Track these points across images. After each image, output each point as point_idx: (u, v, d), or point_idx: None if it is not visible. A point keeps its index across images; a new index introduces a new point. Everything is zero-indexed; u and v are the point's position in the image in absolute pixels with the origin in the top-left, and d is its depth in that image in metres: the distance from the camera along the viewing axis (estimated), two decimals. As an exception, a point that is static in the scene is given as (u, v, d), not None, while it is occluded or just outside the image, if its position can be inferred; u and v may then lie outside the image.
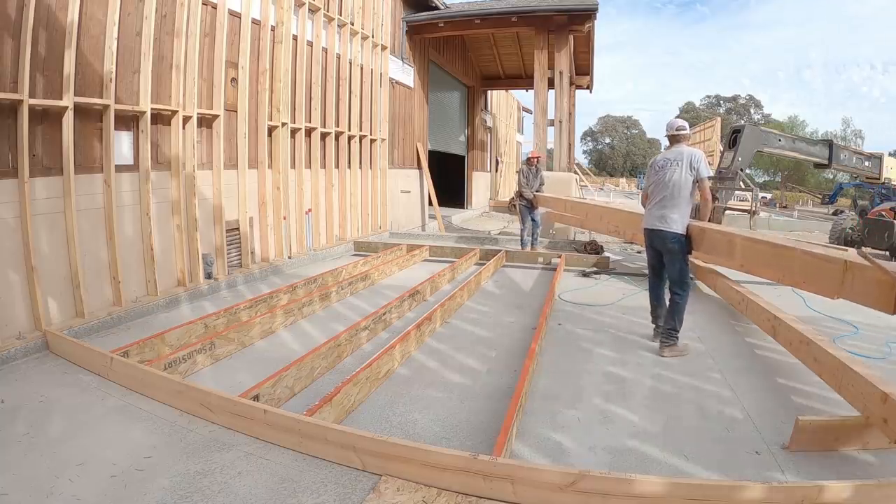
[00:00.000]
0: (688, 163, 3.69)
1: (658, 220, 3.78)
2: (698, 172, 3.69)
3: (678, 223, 3.69)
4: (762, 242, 3.46)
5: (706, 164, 3.74)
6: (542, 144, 10.51)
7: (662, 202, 3.78)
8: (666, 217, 3.73)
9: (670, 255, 3.77)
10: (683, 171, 3.69)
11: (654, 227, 3.82)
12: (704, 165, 3.71)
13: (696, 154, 3.74)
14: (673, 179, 3.72)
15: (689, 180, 3.70)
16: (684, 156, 3.73)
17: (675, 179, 3.72)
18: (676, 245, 3.72)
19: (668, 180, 3.75)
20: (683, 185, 3.68)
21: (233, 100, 5.60)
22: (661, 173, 3.82)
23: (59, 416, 2.60)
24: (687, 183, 3.69)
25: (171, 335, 3.54)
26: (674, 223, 3.70)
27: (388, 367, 3.23)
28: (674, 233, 3.70)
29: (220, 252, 5.39)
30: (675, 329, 3.67)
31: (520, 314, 4.66)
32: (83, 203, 3.97)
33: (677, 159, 3.75)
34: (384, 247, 7.47)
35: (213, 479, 2.11)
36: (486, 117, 17.40)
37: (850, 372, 2.61)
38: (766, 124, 40.52)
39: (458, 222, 13.09)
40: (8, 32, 3.41)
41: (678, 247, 3.72)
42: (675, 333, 3.68)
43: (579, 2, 9.54)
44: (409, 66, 10.43)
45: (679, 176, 3.70)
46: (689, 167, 3.69)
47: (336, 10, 7.39)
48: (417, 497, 1.99)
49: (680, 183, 3.69)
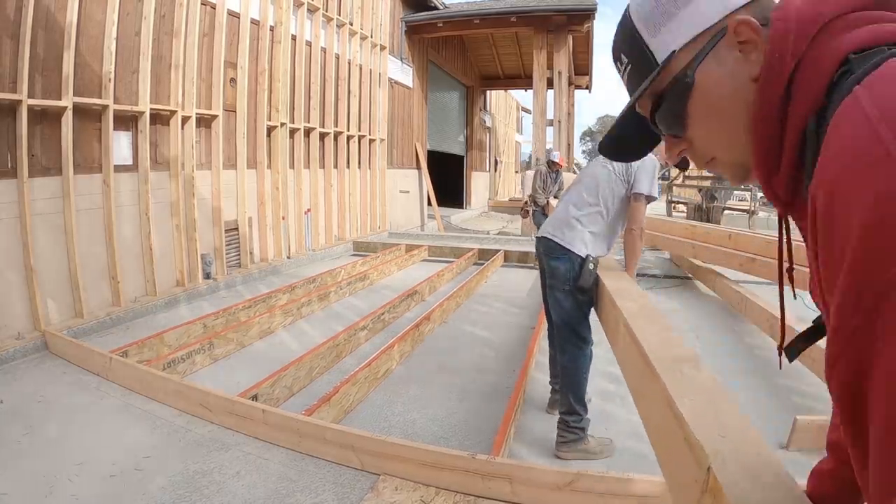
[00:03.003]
0: (624, 167, 2.46)
1: (552, 225, 2.57)
2: (633, 185, 2.44)
3: (577, 241, 2.43)
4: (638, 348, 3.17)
5: (652, 179, 2.45)
6: (540, 144, 10.51)
7: (567, 206, 2.57)
8: (563, 226, 2.50)
9: (552, 282, 2.50)
10: (615, 175, 2.48)
11: (542, 235, 2.59)
12: (648, 179, 2.43)
13: (645, 161, 2.42)
14: (596, 180, 2.52)
15: (618, 191, 2.47)
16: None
17: (597, 181, 2.52)
18: (561, 268, 2.43)
19: (587, 180, 2.58)
20: (606, 194, 2.48)
21: (232, 100, 5.60)
22: (586, 171, 2.70)
23: (58, 416, 2.60)
24: (613, 193, 2.47)
25: (170, 335, 3.55)
26: (569, 238, 2.45)
27: (386, 367, 3.24)
28: (563, 247, 2.44)
29: (219, 252, 5.39)
30: (573, 412, 2.39)
31: (518, 314, 4.67)
32: (82, 203, 3.97)
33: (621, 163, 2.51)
34: (383, 247, 7.48)
35: (212, 478, 2.11)
36: (485, 117, 17.41)
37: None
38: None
39: (457, 222, 13.09)
40: (7, 33, 3.41)
41: (563, 273, 2.42)
42: (574, 422, 2.39)
43: (578, 2, 9.54)
44: (408, 65, 10.44)
45: (605, 178, 2.49)
46: (624, 173, 2.46)
47: (335, 10, 7.39)
48: (416, 496, 2.00)
49: (600, 188, 2.49)
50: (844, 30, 0.47)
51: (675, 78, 0.55)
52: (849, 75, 0.44)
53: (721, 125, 0.55)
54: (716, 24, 0.53)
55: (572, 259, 2.42)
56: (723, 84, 0.53)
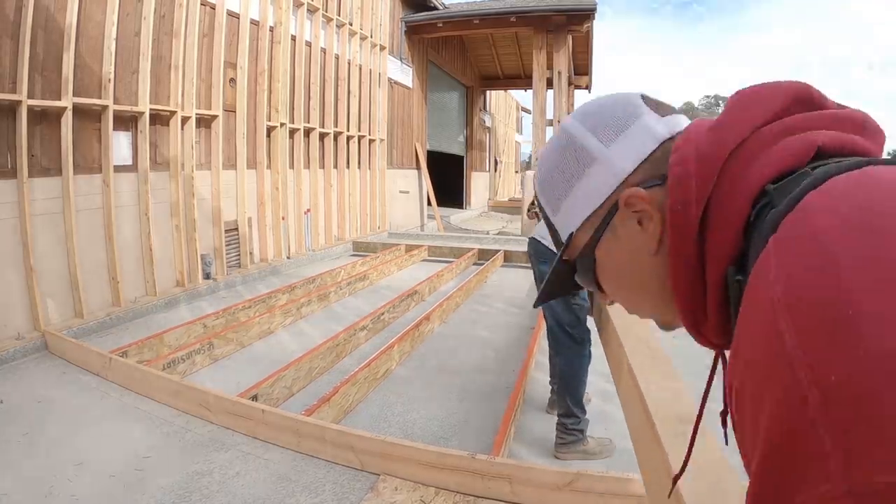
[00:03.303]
0: None
1: (543, 228, 2.49)
2: None
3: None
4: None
5: None
6: (540, 144, 10.51)
7: None
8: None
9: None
10: None
11: (533, 237, 2.62)
12: None
13: None
14: None
15: None
16: None
17: None
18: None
19: None
20: None
21: (231, 100, 5.60)
22: None
23: (57, 417, 2.60)
24: None
25: (169, 335, 3.55)
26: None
27: (386, 367, 3.24)
28: (552, 252, 2.29)
29: (219, 252, 5.39)
30: (571, 415, 2.40)
31: (518, 314, 4.67)
32: (82, 203, 3.97)
33: None
34: (383, 247, 7.48)
35: (212, 478, 2.11)
36: (484, 117, 17.41)
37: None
38: (765, 124, 40.55)
39: (457, 222, 13.09)
40: (7, 33, 3.41)
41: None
42: (573, 425, 2.40)
43: (578, 2, 9.54)
44: (408, 66, 10.44)
45: None
46: None
47: (335, 11, 7.39)
48: (415, 496, 2.00)
49: None
50: (759, 151, 0.43)
51: (580, 253, 0.53)
52: (770, 208, 0.39)
53: (633, 294, 0.53)
54: (608, 198, 0.50)
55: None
56: (623, 260, 0.50)
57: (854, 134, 0.43)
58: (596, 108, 0.53)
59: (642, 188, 0.47)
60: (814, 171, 0.39)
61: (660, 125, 0.50)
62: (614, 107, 0.51)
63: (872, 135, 0.44)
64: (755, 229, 0.40)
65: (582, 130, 0.51)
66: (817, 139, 0.41)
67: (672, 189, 0.45)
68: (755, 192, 0.41)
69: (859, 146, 0.42)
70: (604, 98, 0.54)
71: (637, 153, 0.49)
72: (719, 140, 0.44)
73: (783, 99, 0.45)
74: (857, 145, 0.42)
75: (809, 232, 0.34)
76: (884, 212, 0.32)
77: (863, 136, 0.43)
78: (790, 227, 0.36)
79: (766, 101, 0.45)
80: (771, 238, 0.36)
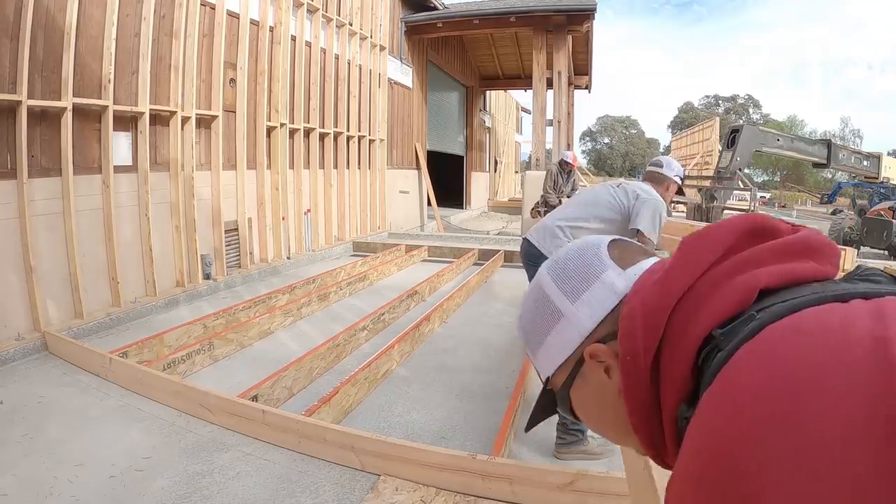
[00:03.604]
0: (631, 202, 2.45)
1: (536, 230, 2.58)
2: (635, 219, 2.42)
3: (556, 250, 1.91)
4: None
5: (652, 218, 2.42)
6: (540, 144, 10.52)
7: (555, 215, 2.62)
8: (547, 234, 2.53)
9: None
10: (614, 201, 2.49)
11: (526, 237, 2.62)
12: (648, 216, 2.41)
13: (651, 201, 2.44)
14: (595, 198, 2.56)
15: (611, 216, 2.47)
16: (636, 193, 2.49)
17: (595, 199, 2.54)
18: None
19: (587, 196, 2.63)
20: (598, 213, 2.51)
21: (231, 100, 5.60)
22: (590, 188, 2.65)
23: (58, 417, 2.60)
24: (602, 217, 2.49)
25: (169, 336, 3.55)
26: (548, 246, 2.50)
27: (386, 368, 3.24)
28: (542, 255, 2.48)
29: (219, 253, 5.39)
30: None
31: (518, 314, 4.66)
32: (82, 204, 3.97)
33: (625, 191, 2.53)
34: (383, 247, 7.48)
35: (212, 479, 2.11)
36: (484, 117, 17.41)
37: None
38: (765, 124, 40.58)
39: (457, 222, 13.10)
40: (6, 33, 3.41)
41: None
42: (573, 424, 2.35)
43: (577, 2, 9.55)
44: (408, 66, 10.44)
45: (605, 200, 2.51)
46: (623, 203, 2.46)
47: (335, 11, 7.39)
48: (416, 497, 2.00)
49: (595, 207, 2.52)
50: (706, 297, 0.47)
51: (558, 390, 0.59)
52: (717, 351, 0.44)
53: (602, 427, 0.58)
54: (575, 351, 0.55)
55: None
56: (592, 401, 0.56)
57: (803, 259, 0.48)
58: (565, 263, 0.59)
59: (603, 343, 0.53)
60: (758, 315, 0.43)
61: (620, 280, 0.55)
62: (581, 261, 0.57)
63: (821, 255, 0.49)
64: (706, 368, 0.44)
65: (553, 288, 0.58)
66: (759, 282, 0.46)
67: (621, 342, 0.50)
68: (701, 340, 0.46)
69: (804, 275, 0.47)
70: (574, 249, 0.60)
71: (599, 310, 0.54)
72: (662, 293, 0.49)
73: (732, 237, 0.50)
74: (802, 275, 0.47)
75: (729, 397, 0.39)
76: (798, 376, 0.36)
77: (812, 259, 0.48)
78: (718, 384, 0.41)
79: (713, 245, 0.50)
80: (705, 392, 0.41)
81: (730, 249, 0.49)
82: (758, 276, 0.46)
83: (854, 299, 0.42)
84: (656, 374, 0.49)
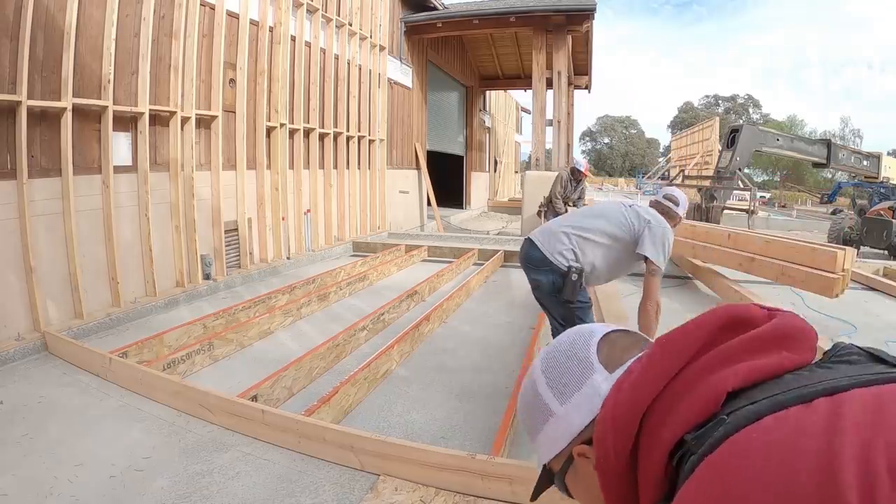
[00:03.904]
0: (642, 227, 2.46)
1: (541, 232, 2.59)
2: (644, 245, 2.44)
3: (557, 254, 2.46)
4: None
5: (657, 246, 2.43)
6: (540, 144, 10.52)
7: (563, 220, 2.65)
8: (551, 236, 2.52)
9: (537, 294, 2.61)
10: (623, 220, 2.50)
11: (529, 237, 2.63)
12: (652, 243, 2.43)
13: (660, 230, 2.47)
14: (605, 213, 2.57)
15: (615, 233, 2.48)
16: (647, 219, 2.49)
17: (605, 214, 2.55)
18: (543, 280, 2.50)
19: (598, 208, 2.66)
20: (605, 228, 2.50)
21: (231, 101, 5.60)
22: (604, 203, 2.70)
23: (57, 417, 2.60)
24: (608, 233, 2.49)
25: (169, 336, 3.55)
26: (550, 248, 2.47)
27: (386, 368, 3.24)
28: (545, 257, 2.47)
29: (219, 253, 5.39)
30: None
31: (519, 314, 4.67)
32: (82, 204, 3.97)
33: (637, 214, 2.53)
34: (383, 247, 7.48)
35: (212, 479, 2.11)
36: (484, 117, 17.41)
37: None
38: (765, 124, 40.56)
39: (457, 222, 13.10)
40: (6, 33, 3.41)
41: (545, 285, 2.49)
42: None
43: (577, 2, 9.54)
44: (408, 66, 10.44)
45: (614, 217, 2.52)
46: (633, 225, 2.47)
47: (334, 11, 7.39)
48: (415, 497, 2.00)
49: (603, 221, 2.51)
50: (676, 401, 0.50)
51: (555, 474, 0.64)
52: (690, 454, 0.47)
53: None
54: (566, 447, 0.60)
55: (554, 271, 2.45)
56: (582, 489, 0.61)
57: (776, 350, 0.51)
58: (556, 360, 0.63)
59: (589, 444, 0.57)
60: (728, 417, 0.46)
61: (605, 384, 0.58)
62: (571, 362, 0.61)
63: (796, 342, 0.52)
64: (681, 470, 0.48)
65: (545, 388, 0.62)
66: (727, 386, 0.49)
67: (595, 445, 0.55)
68: (672, 444, 0.49)
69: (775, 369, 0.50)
70: (567, 344, 0.64)
71: (586, 413, 0.58)
72: (633, 400, 0.52)
73: (706, 334, 0.53)
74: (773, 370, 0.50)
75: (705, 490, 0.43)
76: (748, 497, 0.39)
77: (787, 349, 0.51)
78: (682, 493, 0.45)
79: (686, 345, 0.53)
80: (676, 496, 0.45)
81: (703, 346, 0.52)
82: (726, 380, 0.49)
83: (818, 398, 0.45)
84: (634, 471, 0.52)
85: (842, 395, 0.44)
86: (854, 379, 0.46)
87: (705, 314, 0.55)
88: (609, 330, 0.63)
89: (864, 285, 5.93)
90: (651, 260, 2.42)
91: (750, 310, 0.54)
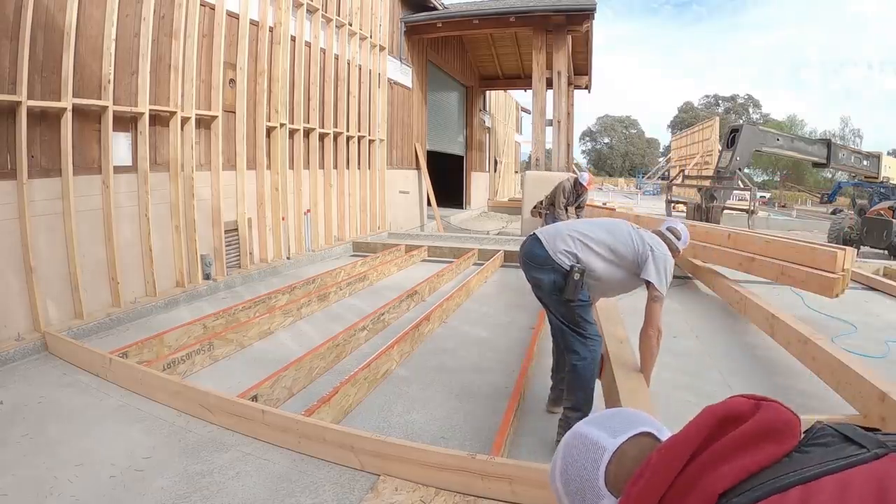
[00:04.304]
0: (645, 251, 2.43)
1: (546, 230, 2.56)
2: (646, 270, 2.41)
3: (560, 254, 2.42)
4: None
5: (660, 272, 2.41)
6: (540, 144, 10.52)
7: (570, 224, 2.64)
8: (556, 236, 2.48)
9: (538, 293, 2.57)
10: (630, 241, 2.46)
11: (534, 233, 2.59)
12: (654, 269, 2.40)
13: (663, 257, 2.44)
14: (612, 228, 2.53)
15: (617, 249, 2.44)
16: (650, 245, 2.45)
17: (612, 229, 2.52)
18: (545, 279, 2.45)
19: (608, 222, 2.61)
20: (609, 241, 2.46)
21: (231, 101, 5.60)
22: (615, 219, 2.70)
23: (58, 417, 2.60)
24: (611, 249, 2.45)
25: (169, 336, 3.55)
26: (553, 248, 2.44)
27: (386, 368, 3.24)
28: (547, 255, 2.43)
29: (219, 253, 5.39)
30: (578, 409, 2.40)
31: (518, 314, 4.67)
32: (82, 204, 3.97)
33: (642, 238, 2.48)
34: (383, 247, 7.48)
35: (212, 479, 2.11)
36: (484, 117, 17.41)
37: (847, 371, 2.62)
38: (765, 124, 40.54)
39: (457, 222, 13.10)
40: (6, 33, 3.41)
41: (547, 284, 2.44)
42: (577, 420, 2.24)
43: (577, 2, 9.55)
44: (408, 66, 10.44)
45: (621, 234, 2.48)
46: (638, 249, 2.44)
47: (334, 11, 7.39)
48: (415, 497, 2.00)
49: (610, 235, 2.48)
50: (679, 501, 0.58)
51: None
52: None
53: None
54: None
55: (556, 270, 2.41)
56: None
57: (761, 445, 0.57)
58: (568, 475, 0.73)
59: None
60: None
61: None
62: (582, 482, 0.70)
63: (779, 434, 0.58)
64: None
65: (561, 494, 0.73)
66: (717, 489, 0.56)
67: None
68: None
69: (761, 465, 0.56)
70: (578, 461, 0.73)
71: None
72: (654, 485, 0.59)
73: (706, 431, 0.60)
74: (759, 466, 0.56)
75: None
76: None
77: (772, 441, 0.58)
78: None
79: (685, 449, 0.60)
80: None
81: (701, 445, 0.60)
82: (716, 482, 0.56)
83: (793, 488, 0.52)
84: None
85: (810, 485, 0.52)
86: (825, 466, 0.54)
87: (698, 417, 0.63)
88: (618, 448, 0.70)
89: (864, 285, 5.93)
90: (654, 285, 2.40)
91: (739, 406, 0.62)
